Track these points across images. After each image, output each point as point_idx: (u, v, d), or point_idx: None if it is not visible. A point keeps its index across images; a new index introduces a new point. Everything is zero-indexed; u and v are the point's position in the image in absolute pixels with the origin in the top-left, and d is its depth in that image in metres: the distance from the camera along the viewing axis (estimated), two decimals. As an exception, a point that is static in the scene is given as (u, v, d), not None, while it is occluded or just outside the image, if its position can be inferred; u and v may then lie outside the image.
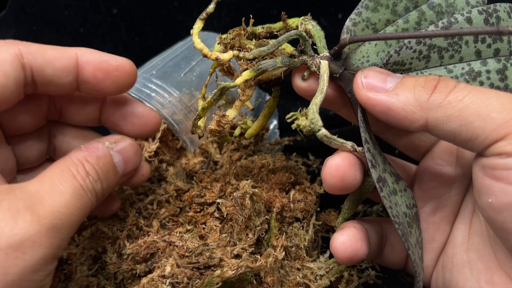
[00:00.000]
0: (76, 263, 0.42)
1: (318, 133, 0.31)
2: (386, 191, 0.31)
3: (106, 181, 0.32)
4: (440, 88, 0.28)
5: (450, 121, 0.27)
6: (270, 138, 0.58)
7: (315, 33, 0.34)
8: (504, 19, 0.33)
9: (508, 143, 0.25)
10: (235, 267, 0.35)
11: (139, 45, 0.66)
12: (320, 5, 0.65)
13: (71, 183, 0.29)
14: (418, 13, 0.35)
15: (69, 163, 0.30)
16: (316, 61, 0.34)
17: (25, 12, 0.65)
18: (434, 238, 0.35)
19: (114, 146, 0.33)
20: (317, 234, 0.44)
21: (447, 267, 0.34)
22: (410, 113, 0.29)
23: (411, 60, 0.33)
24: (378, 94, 0.30)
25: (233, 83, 0.33)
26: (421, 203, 0.36)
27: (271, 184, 0.44)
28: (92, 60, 0.32)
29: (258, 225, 0.39)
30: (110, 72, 0.33)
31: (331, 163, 0.32)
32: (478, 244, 0.32)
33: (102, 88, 0.33)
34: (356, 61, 0.35)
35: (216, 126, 0.35)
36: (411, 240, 0.32)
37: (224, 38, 0.35)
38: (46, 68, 0.31)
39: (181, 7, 0.67)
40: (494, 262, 0.31)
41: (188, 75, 0.49)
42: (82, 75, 0.32)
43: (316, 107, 0.31)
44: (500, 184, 0.26)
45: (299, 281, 0.39)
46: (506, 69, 0.33)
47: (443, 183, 0.36)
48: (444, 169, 0.36)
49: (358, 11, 0.34)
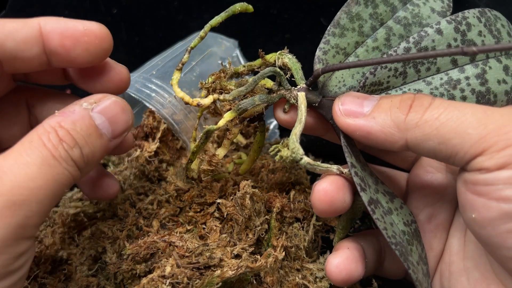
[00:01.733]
0: (76, 263, 0.41)
1: (301, 162, 0.31)
2: (379, 212, 0.30)
3: (88, 147, 0.28)
4: (416, 107, 0.28)
5: (428, 140, 0.27)
6: (270, 138, 0.58)
7: (292, 65, 0.35)
8: (474, 24, 0.33)
9: (486, 159, 0.25)
10: (235, 267, 0.35)
11: (139, 45, 0.66)
12: (320, 5, 0.65)
13: (39, 153, 0.26)
14: (386, 30, 0.35)
15: (41, 131, 0.27)
16: (294, 93, 0.34)
17: (25, 12, 0.65)
18: (432, 247, 0.35)
19: (94, 106, 0.29)
20: (317, 235, 0.44)
21: (445, 276, 0.34)
22: (389, 135, 0.29)
23: (388, 79, 0.33)
24: (356, 120, 0.30)
25: (216, 126, 0.34)
26: (415, 211, 0.36)
27: (271, 184, 0.44)
28: (56, 27, 0.29)
29: (258, 225, 0.39)
30: (79, 38, 0.30)
31: (319, 188, 0.32)
32: (474, 252, 0.32)
33: (74, 57, 0.30)
34: (333, 87, 0.35)
35: (208, 166, 0.37)
36: (412, 258, 0.31)
37: (205, 83, 0.37)
38: (7, 42, 0.28)
39: (181, 7, 0.67)
40: (490, 271, 0.31)
41: (188, 75, 0.49)
42: (48, 45, 0.29)
43: (296, 137, 0.31)
44: (481, 199, 0.26)
45: (298, 282, 0.39)
46: (485, 73, 0.33)
47: (435, 190, 0.35)
48: (434, 176, 0.36)
49: (326, 40, 0.35)
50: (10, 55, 0.29)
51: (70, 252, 0.42)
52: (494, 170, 0.25)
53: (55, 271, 0.41)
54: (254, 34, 0.67)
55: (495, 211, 0.25)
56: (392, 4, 0.35)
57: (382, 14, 0.35)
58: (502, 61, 0.34)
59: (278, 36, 0.67)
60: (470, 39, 0.33)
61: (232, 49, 0.55)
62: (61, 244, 0.43)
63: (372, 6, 0.35)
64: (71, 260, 0.42)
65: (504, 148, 0.25)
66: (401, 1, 0.36)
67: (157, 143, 0.47)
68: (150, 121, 0.48)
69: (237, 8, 0.36)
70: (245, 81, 0.37)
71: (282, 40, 0.66)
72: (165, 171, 0.47)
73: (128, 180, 0.48)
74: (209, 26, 0.35)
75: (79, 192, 0.49)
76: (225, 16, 0.35)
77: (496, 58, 0.34)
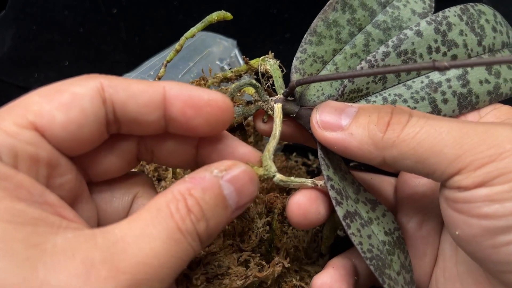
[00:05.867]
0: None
1: (274, 179, 0.30)
2: (355, 226, 0.30)
3: (213, 219, 0.25)
4: (393, 125, 0.28)
5: (406, 159, 0.27)
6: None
7: (273, 72, 0.35)
8: (455, 23, 0.32)
9: (463, 178, 0.25)
10: (243, 277, 0.35)
11: (139, 45, 0.66)
12: (320, 4, 0.65)
13: (166, 225, 0.23)
14: (364, 35, 0.34)
15: (169, 197, 0.24)
16: (271, 104, 0.33)
17: (25, 12, 0.65)
18: (426, 253, 0.34)
19: (224, 174, 0.27)
20: (316, 235, 0.44)
21: (440, 282, 0.33)
22: (367, 153, 0.28)
23: (367, 85, 0.32)
24: (333, 134, 0.29)
25: None
26: (406, 218, 0.35)
27: (271, 184, 0.44)
28: (181, 94, 0.27)
29: (260, 227, 0.39)
30: (201, 108, 0.28)
31: (292, 201, 0.31)
32: (466, 257, 0.31)
33: (193, 126, 0.28)
34: (312, 96, 0.34)
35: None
36: (391, 270, 0.30)
37: None
38: (129, 103, 0.26)
39: (181, 7, 0.67)
40: (482, 275, 0.30)
41: (186, 76, 0.49)
42: (169, 111, 0.27)
43: (269, 153, 0.30)
44: (462, 216, 0.26)
45: (295, 284, 0.39)
46: (467, 73, 0.32)
47: (424, 195, 0.35)
48: (422, 181, 0.35)
49: (303, 48, 0.33)
50: (130, 117, 0.27)
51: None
52: (472, 188, 0.25)
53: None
54: (254, 34, 0.67)
55: (476, 228, 0.25)
56: (371, 8, 0.34)
57: (361, 20, 0.34)
58: None
59: (278, 36, 0.67)
60: (451, 39, 0.32)
61: (231, 49, 0.55)
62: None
63: (349, 11, 0.34)
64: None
65: (479, 167, 0.25)
66: (380, 4, 0.35)
67: (157, 144, 0.47)
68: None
69: (214, 17, 0.35)
70: (225, 90, 0.36)
71: (282, 40, 0.66)
72: (165, 171, 0.47)
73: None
74: (184, 39, 0.35)
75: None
76: (201, 27, 0.35)
77: (478, 57, 0.33)
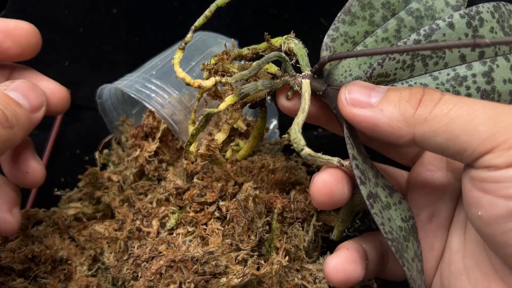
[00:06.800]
0: (76, 263, 0.42)
1: (302, 153, 0.30)
2: (378, 207, 0.30)
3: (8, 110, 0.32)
4: (425, 102, 0.28)
5: (437, 136, 0.27)
6: (270, 138, 0.58)
7: (298, 51, 0.34)
8: (487, 20, 0.33)
9: (495, 156, 0.25)
10: (240, 275, 0.35)
11: (139, 45, 0.66)
12: (320, 4, 0.65)
13: None
14: (397, 21, 0.34)
15: None
16: (298, 80, 0.33)
17: (25, 12, 0.65)
18: (433, 247, 0.34)
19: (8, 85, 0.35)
20: (317, 235, 0.44)
21: (445, 275, 0.33)
22: (397, 129, 0.28)
23: (395, 71, 0.33)
24: (363, 110, 0.29)
25: (217, 109, 0.33)
26: (416, 211, 0.35)
27: (271, 185, 0.44)
28: None
29: (260, 227, 0.39)
30: (10, 31, 0.35)
31: (318, 179, 0.31)
32: (474, 250, 0.32)
33: (5, 49, 0.35)
34: (339, 76, 0.34)
35: (206, 151, 0.35)
36: (408, 255, 0.31)
37: (207, 64, 0.35)
38: None
39: (181, 7, 0.67)
40: (490, 268, 0.30)
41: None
42: None
43: (298, 126, 0.31)
44: (488, 197, 0.26)
45: (297, 283, 0.39)
46: (492, 71, 0.33)
47: (435, 189, 0.35)
48: (435, 175, 0.35)
49: (335, 26, 0.34)
50: None
51: (70, 252, 0.42)
52: (503, 168, 0.25)
53: (55, 271, 0.41)
54: (254, 34, 0.67)
55: (502, 209, 0.25)
56: None
57: (395, 5, 0.34)
58: (510, 60, 0.33)
59: (278, 36, 0.67)
60: (481, 35, 0.32)
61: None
62: (60, 244, 0.43)
63: None
64: (71, 260, 0.42)
65: None
66: None
67: (157, 143, 0.47)
68: (150, 121, 0.48)
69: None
70: (248, 64, 0.35)
71: (282, 40, 0.66)
72: (165, 171, 0.47)
73: (128, 180, 0.48)
74: (215, 6, 0.35)
75: (78, 192, 0.49)
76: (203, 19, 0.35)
77: (504, 56, 0.33)
